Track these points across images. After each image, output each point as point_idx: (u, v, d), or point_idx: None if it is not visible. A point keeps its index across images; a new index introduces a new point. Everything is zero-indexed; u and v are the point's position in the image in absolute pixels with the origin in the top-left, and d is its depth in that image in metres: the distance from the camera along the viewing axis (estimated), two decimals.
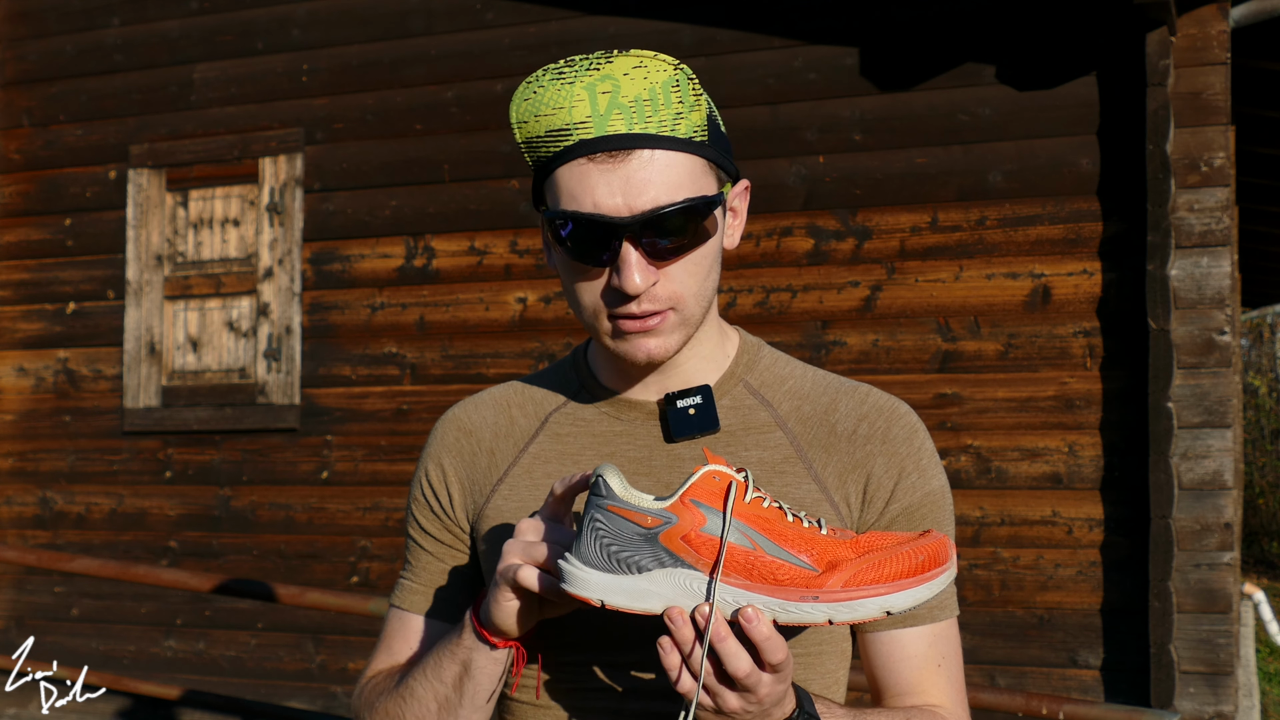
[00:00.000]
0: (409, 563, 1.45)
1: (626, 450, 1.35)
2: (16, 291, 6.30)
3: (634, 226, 1.22)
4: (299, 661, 5.73)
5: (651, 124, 1.23)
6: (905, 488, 1.34)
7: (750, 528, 1.10)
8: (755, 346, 1.41)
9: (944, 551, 1.12)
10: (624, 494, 1.12)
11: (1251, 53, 5.25)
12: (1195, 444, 4.54)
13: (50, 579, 6.15)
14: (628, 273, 1.22)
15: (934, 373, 4.92)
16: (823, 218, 5.08)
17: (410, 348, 5.61)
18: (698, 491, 1.11)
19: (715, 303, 1.37)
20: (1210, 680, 4.51)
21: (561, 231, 1.25)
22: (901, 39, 5.02)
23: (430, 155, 5.61)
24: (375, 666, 1.43)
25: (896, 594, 1.10)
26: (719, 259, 1.32)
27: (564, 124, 1.23)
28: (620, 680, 1.30)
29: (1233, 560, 4.60)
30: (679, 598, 1.10)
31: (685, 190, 1.23)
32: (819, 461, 1.34)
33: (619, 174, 1.22)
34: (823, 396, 1.38)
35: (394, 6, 5.72)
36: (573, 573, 1.13)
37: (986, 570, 4.85)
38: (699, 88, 1.25)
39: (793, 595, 1.10)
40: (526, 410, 1.42)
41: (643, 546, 1.11)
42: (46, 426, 6.21)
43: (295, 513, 5.76)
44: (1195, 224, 4.57)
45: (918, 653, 1.34)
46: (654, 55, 1.23)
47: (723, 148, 1.30)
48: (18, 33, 6.34)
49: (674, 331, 1.28)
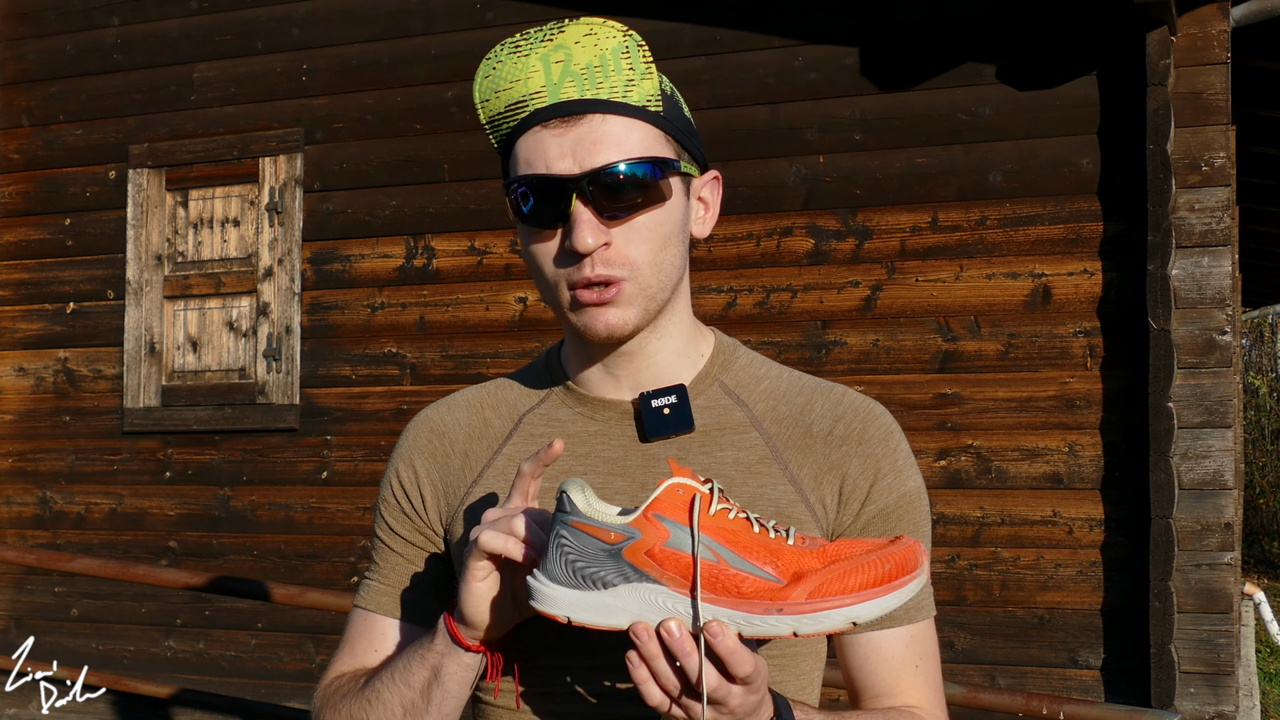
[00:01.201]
0: (375, 563, 1.44)
1: (601, 450, 1.34)
2: (16, 291, 6.30)
3: (583, 182, 1.22)
4: (299, 661, 5.73)
5: (603, 90, 1.24)
6: (881, 489, 1.33)
7: (714, 540, 1.09)
8: (731, 347, 1.40)
9: (913, 559, 1.11)
10: (588, 510, 1.11)
11: (1251, 53, 5.25)
12: (1196, 444, 4.54)
13: (50, 579, 6.14)
14: (579, 231, 1.22)
15: (934, 373, 4.92)
16: (823, 218, 5.08)
17: (410, 348, 5.61)
18: (661, 505, 1.10)
19: (688, 298, 1.36)
20: (1211, 680, 4.51)
21: (520, 201, 1.26)
22: (901, 39, 5.02)
23: (430, 155, 5.61)
24: (337, 667, 1.41)
25: (862, 604, 1.09)
26: (682, 239, 1.31)
27: (520, 96, 1.26)
28: (595, 686, 1.29)
29: (1233, 560, 4.59)
30: (645, 613, 1.10)
31: (637, 153, 1.24)
32: (795, 462, 1.33)
33: (570, 136, 1.23)
34: (798, 397, 1.37)
35: (394, 6, 5.71)
36: (540, 589, 1.12)
37: (987, 570, 4.85)
38: (649, 56, 1.26)
39: (757, 608, 1.09)
40: (500, 411, 1.41)
41: (607, 562, 1.10)
42: (46, 426, 6.21)
43: (295, 513, 5.76)
44: (1196, 224, 4.57)
45: (895, 654, 1.33)
46: (603, 22, 1.25)
47: (683, 128, 1.30)
48: (17, 32, 6.34)
49: (632, 304, 1.27)
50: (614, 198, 1.23)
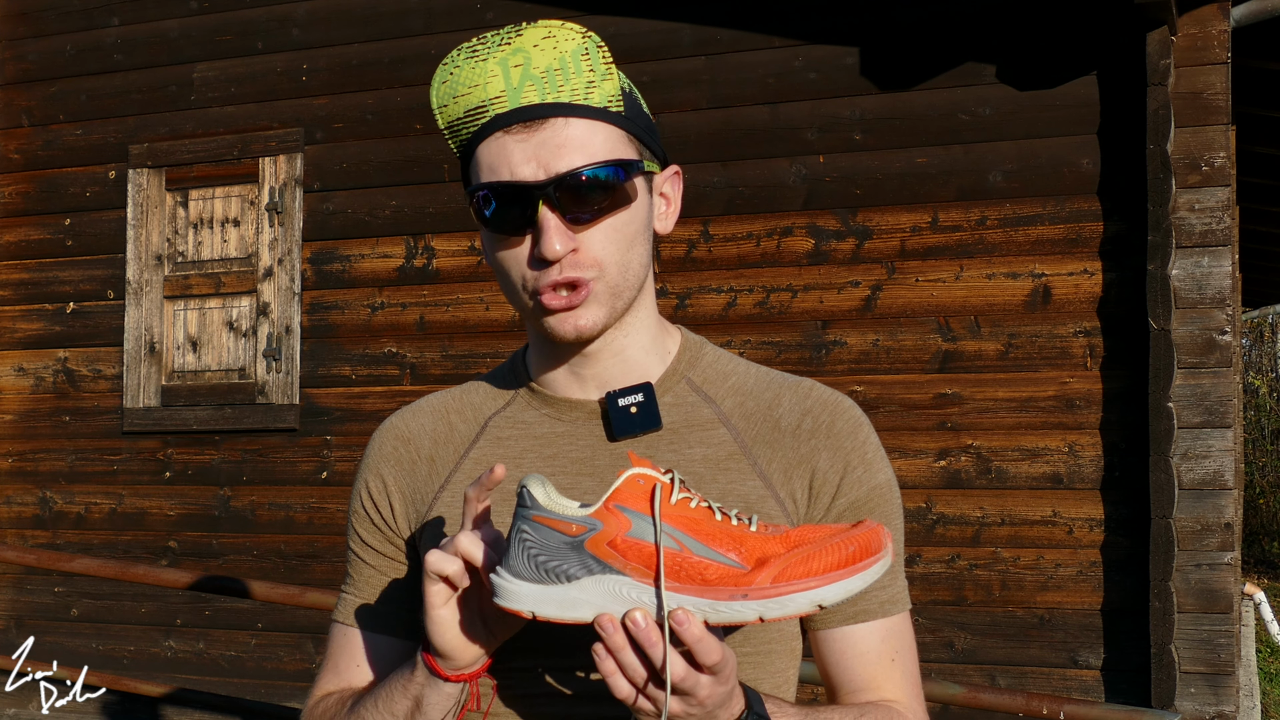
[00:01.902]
0: (350, 576, 1.42)
1: (569, 451, 1.33)
2: (16, 291, 6.30)
3: (549, 189, 1.22)
4: (299, 661, 5.73)
5: (564, 93, 1.23)
6: (851, 482, 1.32)
7: (677, 529, 1.09)
8: (698, 344, 1.40)
9: (876, 541, 1.11)
10: (548, 503, 1.11)
11: (1251, 53, 5.25)
12: (1196, 444, 4.54)
13: (50, 579, 6.14)
14: (546, 238, 1.22)
15: (934, 373, 4.92)
16: (823, 218, 5.08)
17: (410, 348, 5.61)
18: (622, 496, 1.10)
19: (653, 296, 1.36)
20: (1211, 680, 4.51)
21: (483, 207, 1.25)
22: (901, 39, 5.01)
23: (430, 155, 5.61)
24: (323, 687, 1.39)
25: (826, 586, 1.08)
26: (646, 237, 1.30)
27: (479, 101, 1.25)
28: (570, 685, 1.28)
29: (1233, 560, 4.59)
30: (609, 604, 1.09)
31: (601, 156, 1.23)
32: (763, 457, 1.32)
33: (533, 141, 1.23)
34: (766, 392, 1.36)
35: (394, 6, 5.71)
36: (502, 585, 1.11)
37: (987, 570, 4.85)
38: (609, 56, 1.25)
39: (722, 594, 1.08)
40: (465, 416, 1.40)
41: (569, 555, 1.10)
42: (46, 426, 6.21)
43: (295, 513, 5.76)
44: (1196, 224, 4.57)
45: (870, 649, 1.32)
46: (562, 25, 1.24)
47: (644, 126, 1.30)
48: (17, 33, 6.34)
49: (600, 304, 1.26)
50: (580, 202, 1.23)
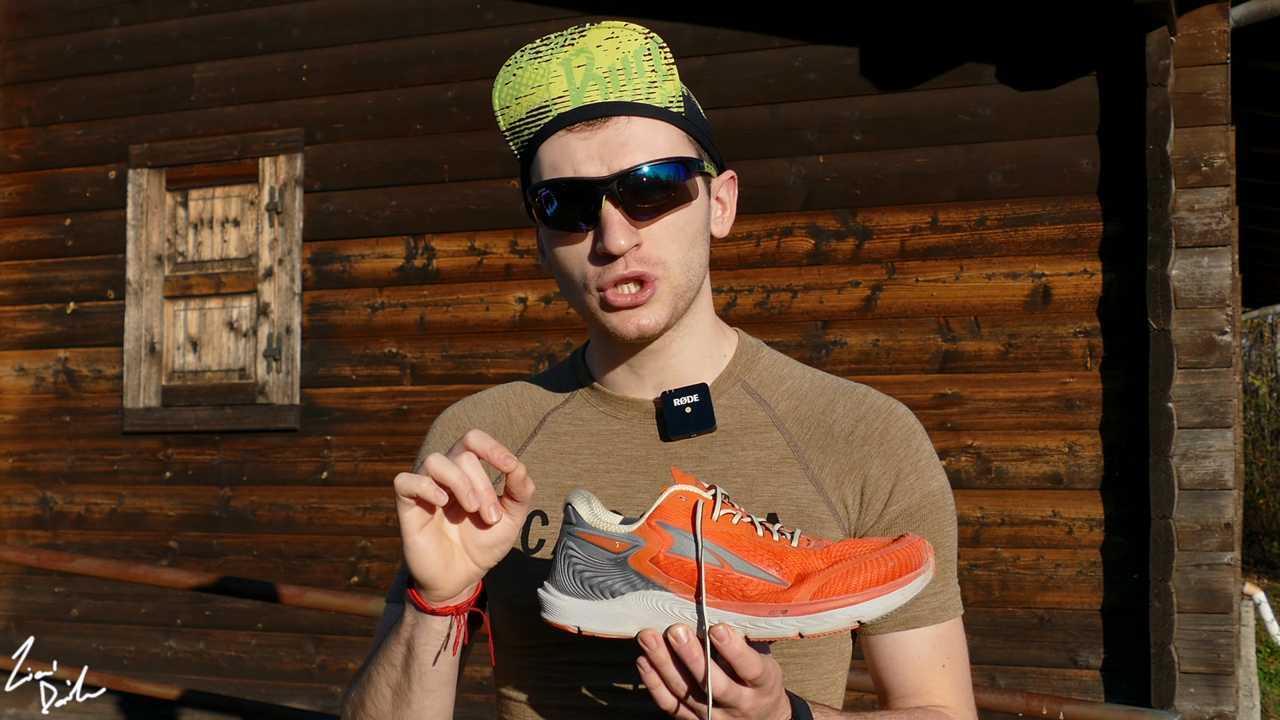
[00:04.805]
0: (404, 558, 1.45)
1: (623, 449, 1.35)
2: (16, 291, 6.30)
3: (613, 184, 1.23)
4: (299, 661, 5.73)
5: (626, 92, 1.25)
6: (903, 489, 1.34)
7: (718, 545, 1.11)
8: (754, 347, 1.42)
9: (917, 556, 1.12)
10: (592, 520, 1.13)
11: (1251, 53, 5.25)
12: (1195, 444, 4.54)
13: (50, 579, 6.15)
14: (611, 233, 1.24)
15: (934, 373, 4.92)
16: (823, 218, 5.08)
17: (410, 348, 5.61)
18: (664, 513, 1.12)
19: (710, 298, 1.38)
20: (1211, 680, 4.51)
21: (545, 205, 1.26)
22: (901, 39, 5.02)
23: (430, 155, 5.61)
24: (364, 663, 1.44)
25: (866, 603, 1.10)
26: (705, 238, 1.32)
27: (542, 101, 1.27)
28: (615, 680, 1.30)
29: (1233, 560, 4.60)
30: (652, 619, 1.12)
31: (663, 154, 1.26)
32: (816, 462, 1.34)
33: (596, 139, 1.25)
34: (820, 397, 1.38)
35: (394, 6, 5.71)
36: (550, 600, 1.15)
37: (987, 570, 4.85)
38: (670, 58, 1.27)
39: (762, 610, 1.10)
40: (525, 410, 1.43)
41: (614, 571, 1.12)
42: (46, 426, 6.21)
43: (295, 513, 5.76)
44: (1195, 224, 4.57)
45: (921, 654, 1.34)
46: (624, 25, 1.26)
47: (702, 129, 1.32)
48: (17, 33, 6.34)
49: (663, 304, 1.28)
50: (643, 198, 1.25)
